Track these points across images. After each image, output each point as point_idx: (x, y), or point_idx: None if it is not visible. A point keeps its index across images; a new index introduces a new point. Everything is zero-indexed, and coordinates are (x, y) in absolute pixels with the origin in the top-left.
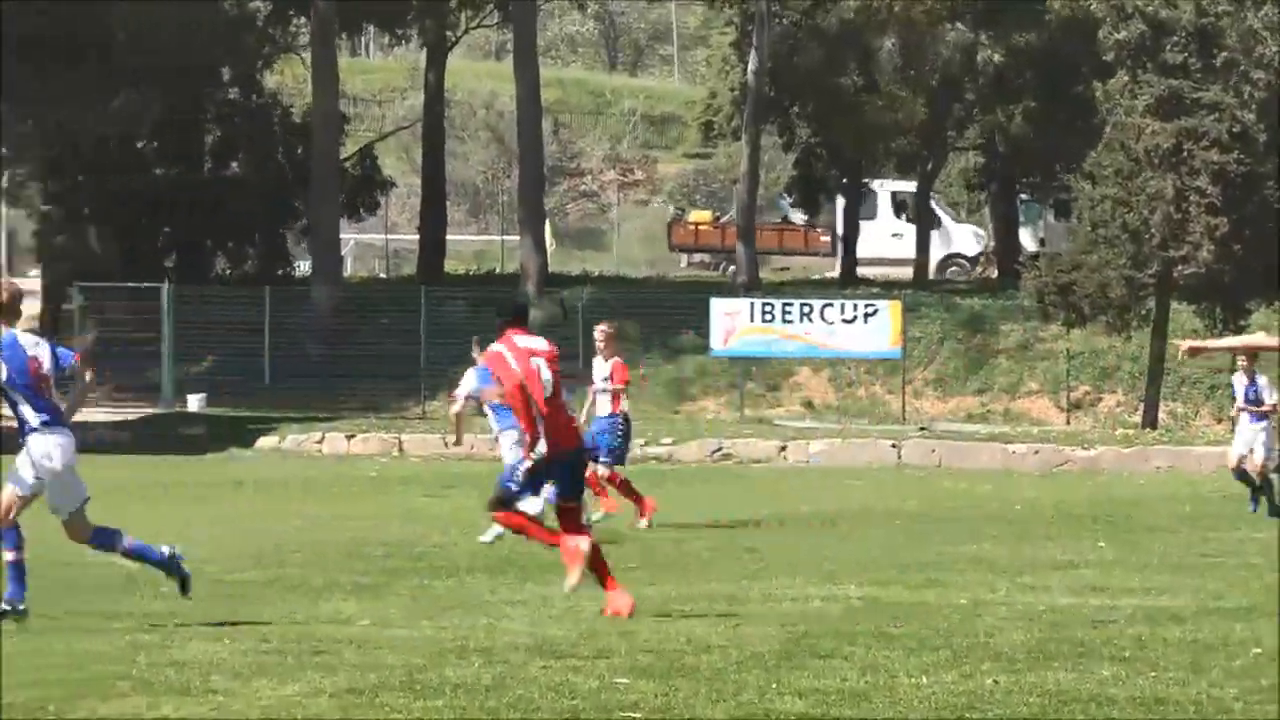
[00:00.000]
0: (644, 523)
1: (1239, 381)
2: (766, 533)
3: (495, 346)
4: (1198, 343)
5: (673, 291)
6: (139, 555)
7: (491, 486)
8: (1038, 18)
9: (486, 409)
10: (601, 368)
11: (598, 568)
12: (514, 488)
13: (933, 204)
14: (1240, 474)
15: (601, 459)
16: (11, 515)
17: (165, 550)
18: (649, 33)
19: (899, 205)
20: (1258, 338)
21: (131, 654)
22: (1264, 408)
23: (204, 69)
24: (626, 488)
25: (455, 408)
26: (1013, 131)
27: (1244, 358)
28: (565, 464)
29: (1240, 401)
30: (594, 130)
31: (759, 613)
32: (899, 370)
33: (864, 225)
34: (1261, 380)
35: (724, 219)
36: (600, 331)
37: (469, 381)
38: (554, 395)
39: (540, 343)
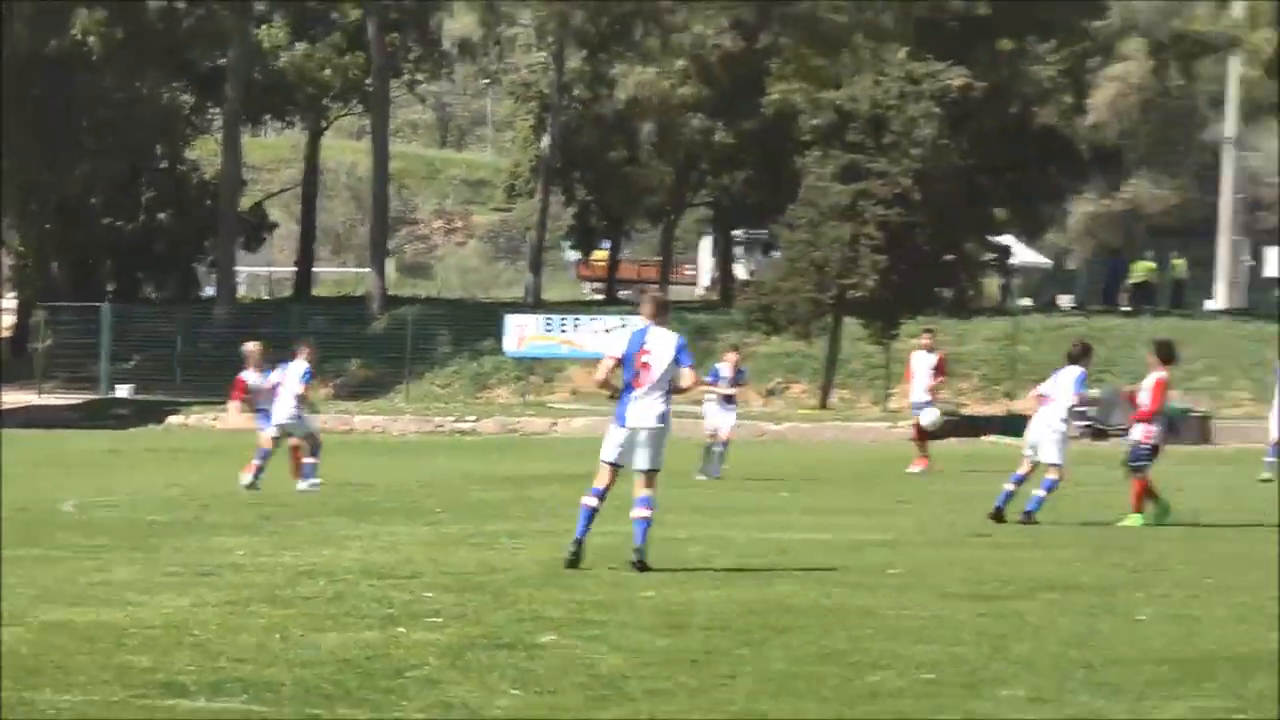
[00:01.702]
0: None
1: None
2: (549, 486)
3: None
4: None
5: (479, 309)
6: None
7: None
8: (758, 109)
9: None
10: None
11: None
12: None
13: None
14: None
15: None
16: None
17: None
18: (470, 119)
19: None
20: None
21: (74, 575)
22: None
23: (143, 145)
24: None
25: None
26: (734, 191)
27: None
28: None
29: None
30: (426, 190)
31: (531, 545)
32: None
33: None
34: None
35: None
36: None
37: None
38: None
39: None
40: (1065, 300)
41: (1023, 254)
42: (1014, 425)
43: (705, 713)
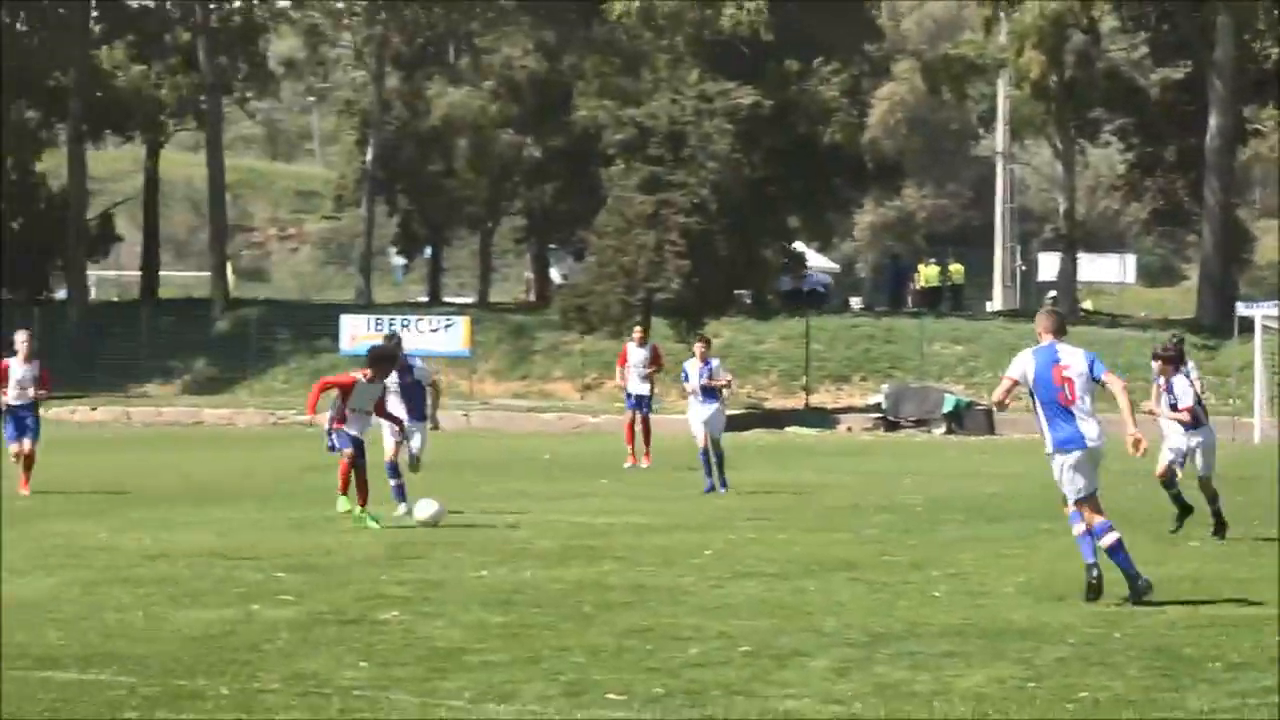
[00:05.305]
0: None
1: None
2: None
3: None
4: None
5: (314, 309)
6: None
7: None
8: (566, 126)
9: None
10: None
11: None
12: None
13: None
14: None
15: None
16: None
17: None
18: (298, 133)
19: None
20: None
21: None
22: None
23: None
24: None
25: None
26: (545, 202)
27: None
28: None
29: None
30: (260, 200)
31: (367, 529)
32: (468, 363)
33: None
34: (1176, 384)
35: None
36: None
37: None
38: None
39: None
40: (855, 302)
41: (814, 260)
42: (810, 418)
43: (538, 682)
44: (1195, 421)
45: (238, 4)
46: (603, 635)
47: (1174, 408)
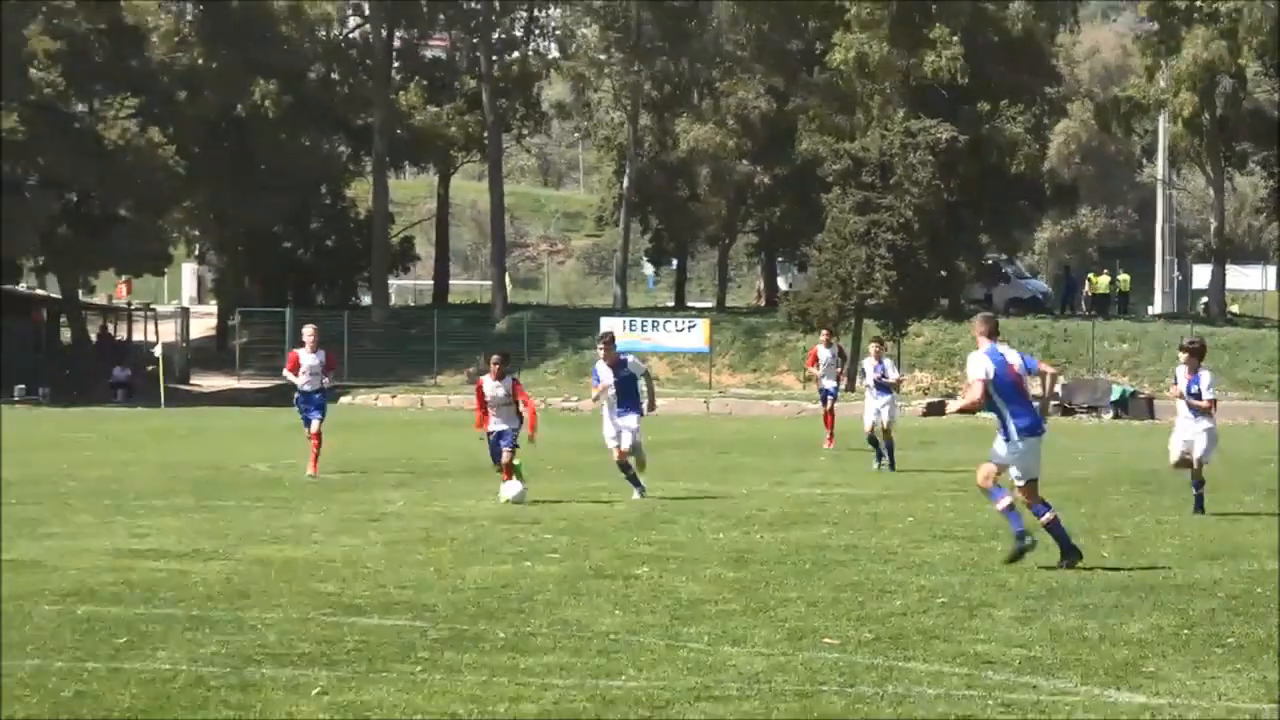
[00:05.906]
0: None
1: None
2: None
3: None
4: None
5: (579, 313)
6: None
7: None
8: (791, 157)
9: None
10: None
11: None
12: None
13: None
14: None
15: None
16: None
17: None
18: (566, 164)
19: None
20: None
21: (269, 521)
22: (1201, 403)
23: (310, 186)
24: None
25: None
26: (774, 222)
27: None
28: None
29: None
30: (533, 220)
31: (619, 498)
32: (708, 358)
33: None
34: (1204, 376)
35: None
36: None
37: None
38: None
39: None
40: None
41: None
42: None
43: (767, 629)
44: (1207, 412)
45: (516, 55)
46: (821, 589)
47: (1197, 397)
